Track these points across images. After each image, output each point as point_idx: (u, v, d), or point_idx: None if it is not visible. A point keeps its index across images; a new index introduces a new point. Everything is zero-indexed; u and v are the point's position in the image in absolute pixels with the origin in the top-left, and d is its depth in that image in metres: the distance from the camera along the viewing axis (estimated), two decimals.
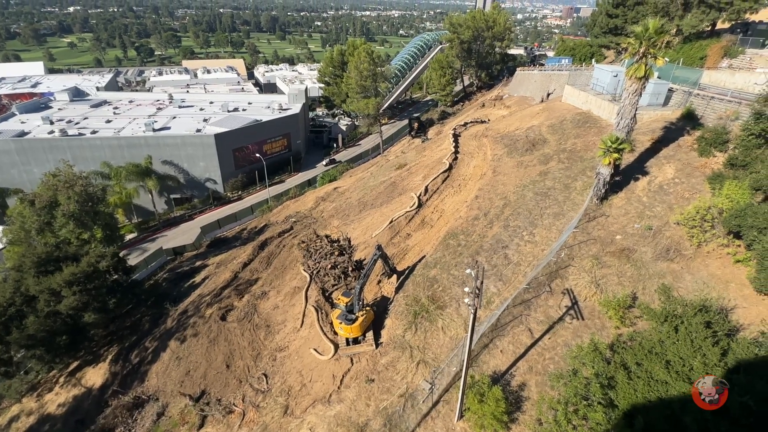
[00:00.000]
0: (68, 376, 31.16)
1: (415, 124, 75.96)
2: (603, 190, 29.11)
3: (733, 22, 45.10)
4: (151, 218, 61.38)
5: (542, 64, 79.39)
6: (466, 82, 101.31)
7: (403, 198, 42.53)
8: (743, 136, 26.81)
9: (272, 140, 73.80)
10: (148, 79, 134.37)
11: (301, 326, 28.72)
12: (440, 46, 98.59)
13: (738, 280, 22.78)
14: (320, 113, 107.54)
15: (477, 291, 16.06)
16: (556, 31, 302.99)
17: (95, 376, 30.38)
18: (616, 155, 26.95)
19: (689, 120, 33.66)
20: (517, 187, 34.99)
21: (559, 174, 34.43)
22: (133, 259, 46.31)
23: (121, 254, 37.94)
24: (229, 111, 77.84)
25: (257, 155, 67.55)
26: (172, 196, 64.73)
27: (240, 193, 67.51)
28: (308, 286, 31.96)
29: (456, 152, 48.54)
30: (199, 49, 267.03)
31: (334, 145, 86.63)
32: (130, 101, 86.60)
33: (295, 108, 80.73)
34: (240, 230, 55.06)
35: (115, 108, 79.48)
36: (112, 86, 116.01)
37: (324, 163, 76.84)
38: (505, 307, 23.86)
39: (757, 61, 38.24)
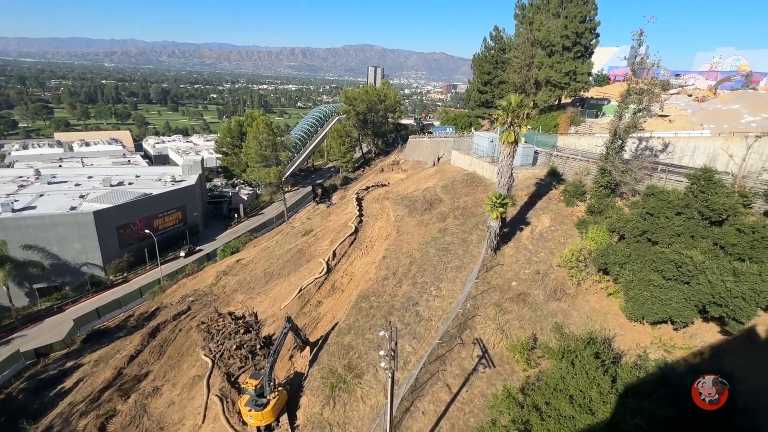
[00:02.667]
0: None
1: (319, 190, 77.04)
2: (495, 242, 31.90)
3: (573, 98, 55.89)
4: (5, 315, 50.62)
5: (431, 132, 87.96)
6: (365, 149, 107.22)
7: (312, 264, 41.68)
8: (595, 188, 32.12)
9: (165, 214, 68.38)
10: (9, 153, 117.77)
11: (203, 421, 25.15)
12: (338, 117, 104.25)
13: (613, 311, 26.01)
14: (219, 183, 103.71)
15: (392, 353, 15.87)
16: (439, 103, 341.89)
17: None
18: (501, 209, 30.07)
19: (554, 176, 39.44)
20: (421, 244, 36.70)
21: (456, 230, 37.10)
22: None
23: None
24: (112, 185, 70.98)
25: (147, 231, 61.62)
26: (36, 286, 54.93)
27: (125, 274, 60.01)
28: (210, 373, 28.56)
29: (361, 215, 49.82)
30: (76, 121, 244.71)
31: (235, 215, 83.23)
32: None
33: (191, 179, 76.81)
34: (126, 317, 48.17)
35: None
36: None
37: (183, 254, 65.81)
38: (422, 365, 23.83)
39: (595, 127, 47.14)
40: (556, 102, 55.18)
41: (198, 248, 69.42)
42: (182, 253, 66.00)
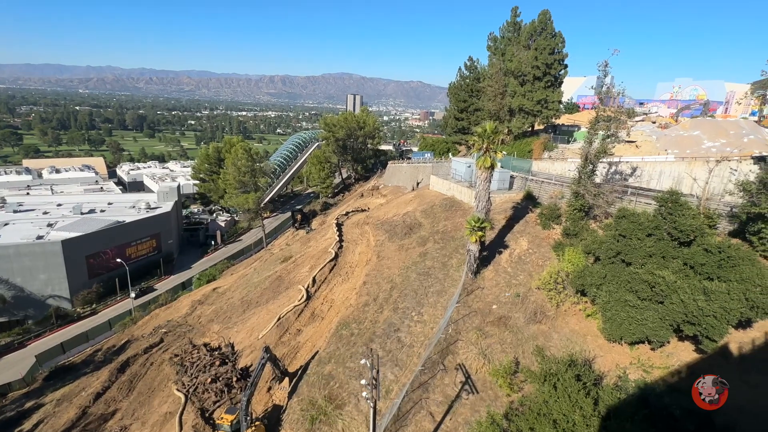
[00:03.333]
0: None
1: (299, 216, 76.53)
2: (475, 265, 32.10)
3: (545, 125, 58.04)
4: None
5: (409, 158, 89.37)
6: (345, 175, 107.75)
7: (291, 292, 40.85)
8: (569, 211, 33.00)
9: (138, 242, 66.41)
10: None
11: None
12: (317, 143, 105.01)
13: (592, 332, 26.28)
14: (196, 210, 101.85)
15: (374, 382, 15.51)
16: (418, 130, 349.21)
17: None
18: (480, 233, 30.42)
19: (530, 200, 40.37)
20: (401, 269, 36.59)
21: (436, 254, 37.22)
22: None
23: None
24: (83, 213, 68.76)
25: (118, 260, 59.51)
26: None
27: (94, 306, 57.40)
28: (183, 409, 27.18)
29: (341, 241, 49.51)
30: (47, 148, 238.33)
31: (212, 242, 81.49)
32: None
33: (166, 206, 75.23)
34: (93, 352, 45.74)
35: None
36: None
37: (133, 295, 58.17)
38: (405, 393, 23.32)
39: (567, 153, 48.83)
40: (530, 128, 57.14)
41: (154, 287, 62.83)
42: (132, 294, 58.15)
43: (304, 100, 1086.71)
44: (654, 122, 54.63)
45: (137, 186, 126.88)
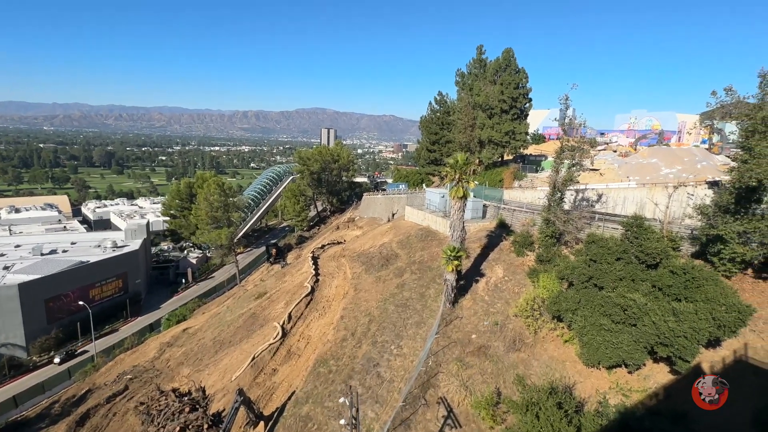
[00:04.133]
0: None
1: (273, 251, 75.21)
2: (453, 295, 32.06)
3: (514, 155, 60.21)
4: None
5: (384, 190, 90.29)
6: (320, 208, 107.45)
7: (266, 329, 39.52)
8: (541, 237, 33.77)
9: (103, 283, 63.36)
10: None
11: None
12: (292, 177, 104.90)
13: (571, 358, 26.37)
14: (166, 247, 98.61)
15: (354, 422, 14.94)
16: (391, 162, 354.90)
17: None
18: (456, 262, 30.60)
19: (503, 228, 41.17)
20: (379, 301, 36.13)
21: (413, 284, 37.06)
22: None
23: None
24: (43, 254, 65.40)
25: (81, 303, 56.35)
26: None
27: (52, 353, 53.62)
28: None
29: (317, 274, 48.73)
30: (6, 187, 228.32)
31: (183, 280, 78.59)
32: None
33: (134, 244, 72.60)
34: (50, 404, 42.32)
35: None
36: None
37: (57, 361, 51.55)
38: None
39: (536, 181, 50.51)
40: (500, 159, 59.10)
41: (81, 350, 54.99)
42: (56, 360, 51.58)
43: (278, 134, 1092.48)
44: (615, 151, 57.55)
45: (104, 224, 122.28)
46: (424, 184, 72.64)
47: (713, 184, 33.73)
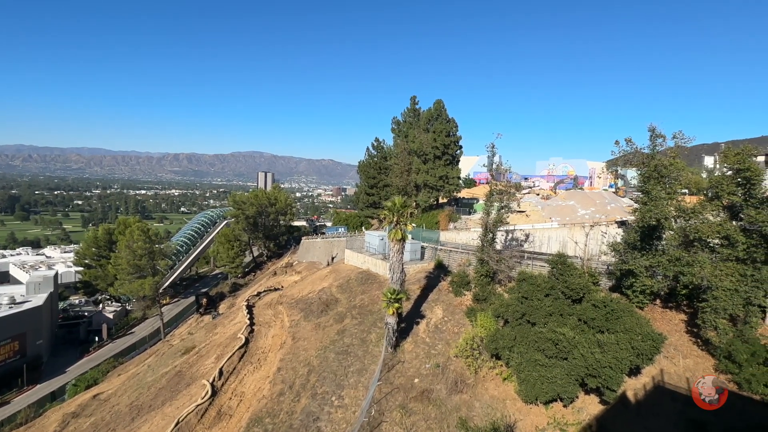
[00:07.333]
0: None
1: (204, 300, 70.03)
2: (394, 338, 31.67)
3: (449, 198, 63.12)
4: None
5: (323, 233, 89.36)
6: (256, 253, 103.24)
7: (193, 388, 35.85)
8: (477, 277, 35.01)
9: None
10: None
11: None
12: (226, 221, 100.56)
13: (510, 395, 26.77)
14: (78, 301, 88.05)
15: None
16: (331, 205, 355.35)
17: None
18: (397, 305, 30.51)
19: (441, 269, 42.17)
20: (319, 350, 34.65)
21: (354, 330, 36.16)
22: None
23: None
24: None
25: None
26: None
27: None
28: None
29: (252, 324, 45.87)
30: None
31: (96, 338, 69.99)
32: None
33: (37, 299, 64.02)
34: None
35: None
36: None
37: None
38: None
39: (470, 223, 52.96)
40: (435, 202, 61.60)
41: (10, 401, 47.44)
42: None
43: (212, 177, 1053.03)
44: (538, 194, 62.49)
45: (2, 277, 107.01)
46: (363, 227, 73.11)
47: (622, 224, 37.58)
